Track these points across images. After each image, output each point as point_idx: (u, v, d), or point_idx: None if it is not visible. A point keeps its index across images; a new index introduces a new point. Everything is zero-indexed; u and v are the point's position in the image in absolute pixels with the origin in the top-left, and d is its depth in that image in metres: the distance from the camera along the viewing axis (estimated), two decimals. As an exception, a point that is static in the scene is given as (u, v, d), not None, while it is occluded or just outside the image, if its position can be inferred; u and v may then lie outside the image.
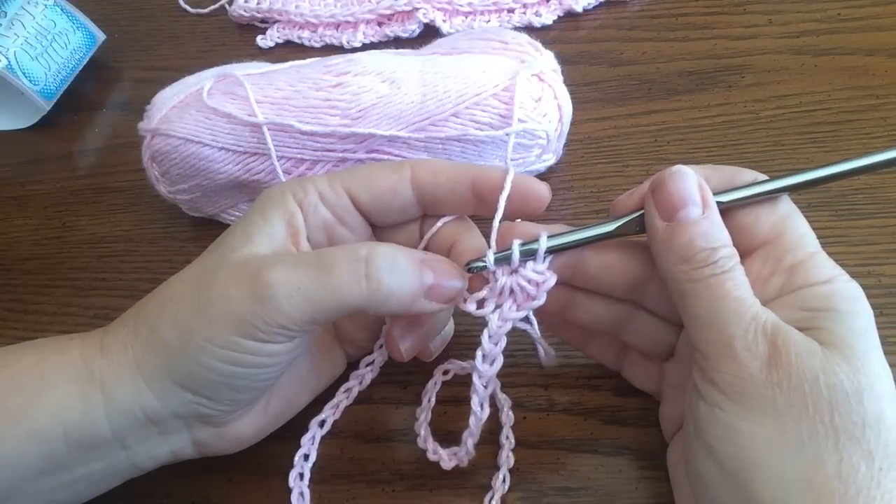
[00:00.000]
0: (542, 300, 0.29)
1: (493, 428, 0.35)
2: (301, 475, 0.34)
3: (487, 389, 0.30)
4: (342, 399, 0.36)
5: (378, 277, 0.27)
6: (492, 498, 0.32)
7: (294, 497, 0.34)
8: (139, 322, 0.29)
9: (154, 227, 0.46)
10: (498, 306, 0.29)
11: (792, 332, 0.25)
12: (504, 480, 0.33)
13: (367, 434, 0.36)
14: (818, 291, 0.26)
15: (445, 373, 0.36)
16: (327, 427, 0.36)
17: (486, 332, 0.29)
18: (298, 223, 0.30)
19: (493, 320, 0.29)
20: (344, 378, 0.36)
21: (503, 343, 0.30)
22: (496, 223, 0.30)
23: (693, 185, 0.27)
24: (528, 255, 0.29)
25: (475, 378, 0.30)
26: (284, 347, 0.28)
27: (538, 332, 0.34)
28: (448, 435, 0.35)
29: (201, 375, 0.28)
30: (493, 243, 0.30)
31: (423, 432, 0.34)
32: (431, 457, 0.33)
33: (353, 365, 0.37)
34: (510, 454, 0.34)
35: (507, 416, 0.34)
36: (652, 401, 0.34)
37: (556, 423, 0.35)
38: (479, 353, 0.30)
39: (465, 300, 0.30)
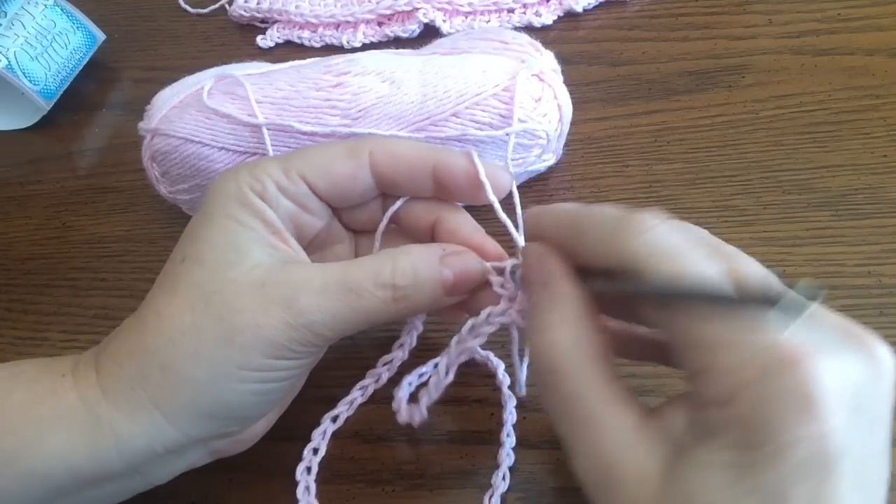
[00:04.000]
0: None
1: (493, 427, 0.35)
2: (308, 469, 0.34)
3: (460, 359, 0.30)
4: (357, 396, 0.36)
5: (404, 297, 0.28)
6: (492, 496, 0.32)
7: (300, 490, 0.34)
8: (143, 361, 0.27)
9: (154, 227, 0.46)
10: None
11: (623, 474, 0.22)
12: (504, 478, 0.33)
13: (367, 434, 0.36)
14: (711, 413, 0.21)
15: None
16: (340, 423, 0.36)
17: (488, 308, 0.29)
18: (273, 220, 0.29)
19: (503, 301, 0.29)
20: (360, 375, 0.36)
21: (494, 328, 0.29)
22: (489, 190, 0.29)
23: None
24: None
25: (453, 346, 0.30)
26: (315, 356, 0.30)
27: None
28: (447, 435, 0.35)
29: (235, 401, 0.28)
30: (519, 227, 0.29)
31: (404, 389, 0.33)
32: (393, 405, 0.32)
33: (369, 363, 0.36)
34: (511, 452, 0.34)
35: (510, 414, 0.34)
36: (652, 401, 0.34)
37: (557, 423, 0.35)
38: (469, 323, 0.29)
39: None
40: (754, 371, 0.20)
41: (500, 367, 0.36)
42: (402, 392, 0.33)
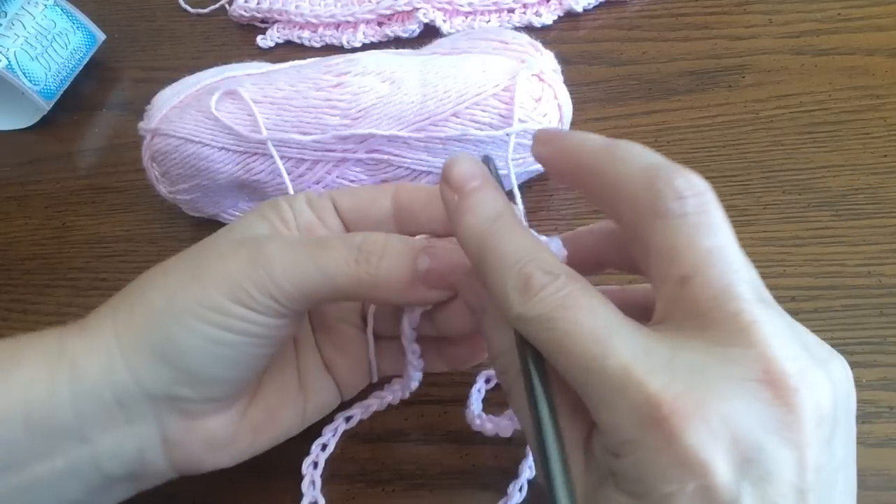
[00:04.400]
0: None
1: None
2: (315, 464, 0.34)
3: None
4: (373, 403, 0.35)
5: (367, 261, 0.27)
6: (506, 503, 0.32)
7: (305, 484, 0.34)
8: (124, 294, 0.29)
9: (154, 227, 0.46)
10: None
11: (632, 353, 0.20)
12: (521, 490, 0.32)
13: (367, 434, 0.36)
14: (602, 462, 0.22)
15: (487, 381, 0.36)
16: (353, 423, 0.35)
17: None
18: (290, 220, 0.31)
19: None
20: (378, 386, 0.35)
21: None
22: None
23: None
24: None
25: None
26: (273, 322, 0.28)
27: None
28: (448, 435, 0.35)
29: (185, 342, 0.27)
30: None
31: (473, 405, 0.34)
32: (476, 424, 0.33)
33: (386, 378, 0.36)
34: (534, 465, 0.33)
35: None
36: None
37: (557, 423, 0.35)
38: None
39: None
40: (630, 430, 0.20)
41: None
42: (474, 405, 0.33)
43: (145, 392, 0.27)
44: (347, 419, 0.35)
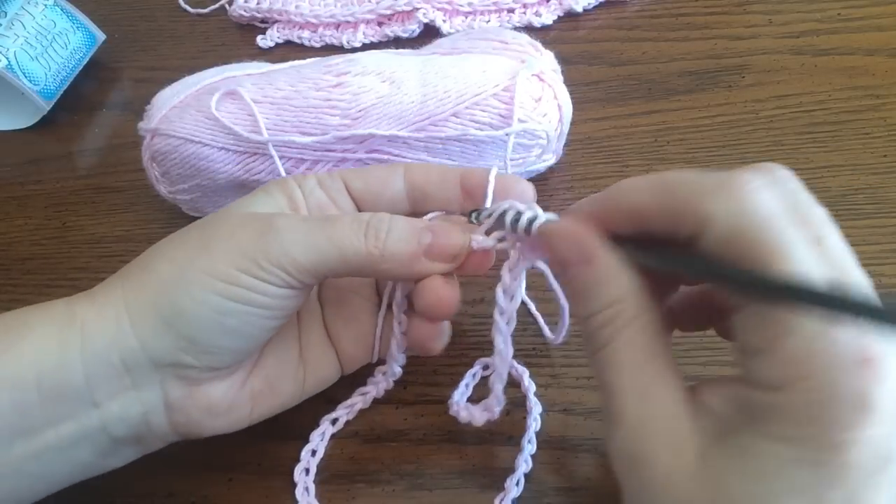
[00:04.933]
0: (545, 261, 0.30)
1: (492, 428, 0.35)
2: (307, 470, 0.34)
3: (510, 325, 0.30)
4: (357, 401, 0.36)
5: (376, 235, 0.29)
6: (503, 499, 0.32)
7: (299, 491, 0.34)
8: (133, 264, 0.30)
9: (154, 227, 0.46)
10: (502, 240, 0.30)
11: (662, 449, 0.22)
12: (518, 484, 0.32)
13: (367, 434, 0.36)
14: (759, 397, 0.20)
15: (485, 367, 0.36)
16: (339, 426, 0.36)
17: (506, 265, 0.30)
18: (298, 198, 0.32)
19: (513, 256, 0.29)
20: (361, 381, 0.36)
21: (523, 279, 0.30)
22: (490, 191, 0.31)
23: (561, 244, 0.25)
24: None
25: (497, 315, 0.30)
26: (281, 292, 0.28)
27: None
28: (448, 435, 0.35)
29: (193, 311, 0.27)
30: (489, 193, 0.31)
31: (457, 398, 0.34)
32: (462, 416, 0.33)
33: (369, 369, 0.36)
34: (529, 459, 0.33)
35: (535, 420, 0.34)
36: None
37: (556, 422, 0.35)
38: (499, 289, 0.29)
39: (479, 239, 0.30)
40: (819, 364, 0.19)
41: (524, 374, 0.36)
42: (457, 398, 0.34)
43: (151, 358, 0.28)
44: (333, 422, 0.35)
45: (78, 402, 0.28)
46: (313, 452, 0.35)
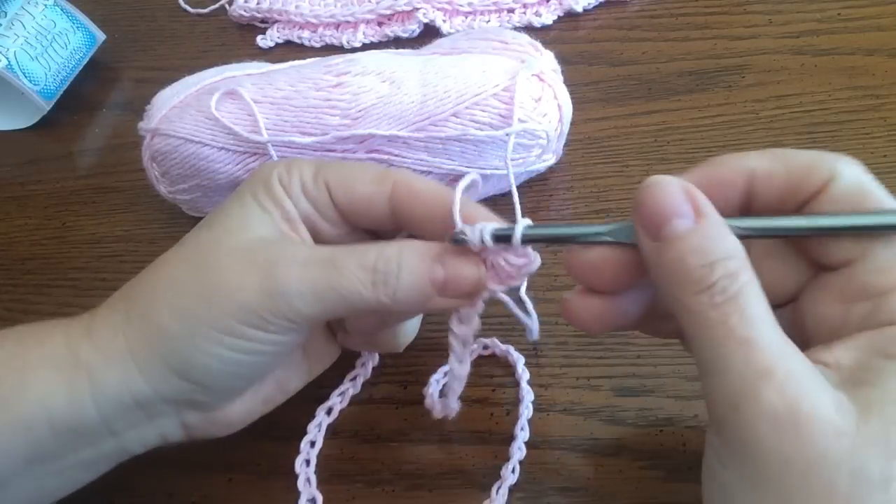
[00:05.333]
0: (520, 281, 0.29)
1: (492, 427, 0.35)
2: (307, 461, 0.34)
3: (466, 348, 0.30)
4: (348, 387, 0.36)
5: (385, 282, 0.27)
6: (500, 487, 0.32)
7: (301, 482, 0.34)
8: (130, 305, 0.29)
9: (154, 227, 0.46)
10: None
11: (821, 402, 0.21)
12: (514, 471, 0.33)
13: (367, 434, 0.36)
14: None
15: (486, 347, 0.37)
16: (334, 416, 0.36)
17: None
18: (291, 209, 0.30)
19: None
20: (350, 366, 0.37)
21: (480, 306, 0.29)
22: (457, 216, 0.28)
23: (675, 194, 0.23)
24: (503, 240, 0.27)
25: (452, 340, 0.30)
26: (289, 337, 0.28)
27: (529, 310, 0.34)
28: (447, 435, 0.35)
29: (201, 363, 0.27)
30: (457, 217, 0.28)
31: (433, 381, 0.35)
32: (427, 402, 0.33)
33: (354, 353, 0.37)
34: (522, 446, 0.33)
35: (527, 408, 0.34)
36: (652, 401, 0.34)
37: (556, 423, 0.35)
38: (454, 317, 0.29)
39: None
40: None
41: (519, 361, 0.36)
42: (432, 389, 0.34)
43: (163, 397, 0.28)
44: (329, 411, 0.36)
45: (94, 435, 0.28)
46: (312, 443, 0.35)
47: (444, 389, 0.33)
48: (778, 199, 0.25)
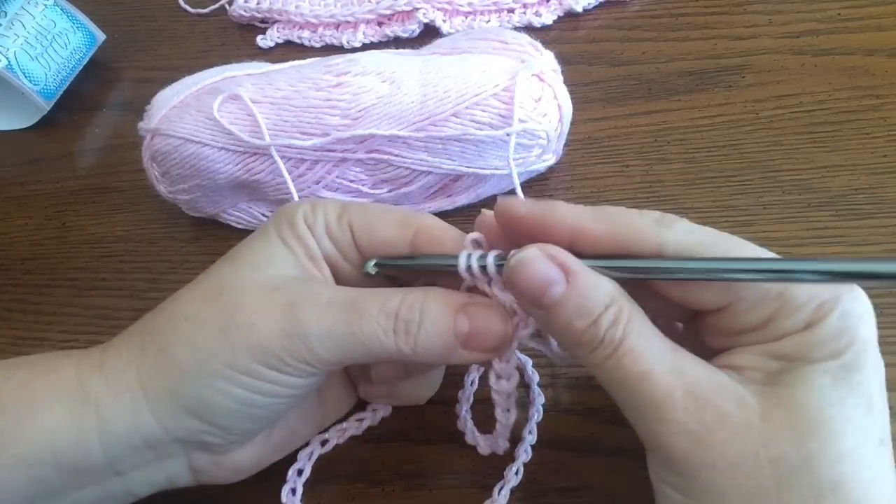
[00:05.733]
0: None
1: (493, 428, 0.35)
2: (293, 490, 0.33)
3: (510, 399, 0.30)
4: (351, 427, 0.35)
5: (406, 330, 0.26)
6: (502, 487, 0.32)
7: None
8: (146, 339, 0.28)
9: (154, 227, 0.46)
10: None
11: (723, 404, 0.23)
12: (517, 473, 0.33)
13: (367, 434, 0.36)
14: (791, 342, 0.24)
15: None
16: (328, 448, 0.35)
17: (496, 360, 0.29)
18: (314, 248, 0.29)
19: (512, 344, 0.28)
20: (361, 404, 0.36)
21: (514, 361, 0.29)
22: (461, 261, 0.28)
23: (540, 265, 0.24)
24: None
25: (494, 396, 0.29)
26: (306, 381, 0.28)
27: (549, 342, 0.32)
28: (447, 435, 0.35)
29: (216, 402, 0.27)
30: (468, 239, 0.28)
31: (462, 413, 0.34)
32: (469, 439, 0.33)
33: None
34: (529, 449, 0.33)
35: (536, 411, 0.34)
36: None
37: (556, 423, 0.35)
38: (491, 375, 0.29)
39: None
40: (827, 300, 0.23)
41: (528, 363, 0.36)
42: (464, 419, 0.34)
43: (173, 437, 0.28)
44: (323, 443, 0.35)
45: (99, 475, 0.28)
46: (300, 472, 0.34)
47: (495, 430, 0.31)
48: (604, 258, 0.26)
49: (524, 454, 0.33)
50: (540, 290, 0.24)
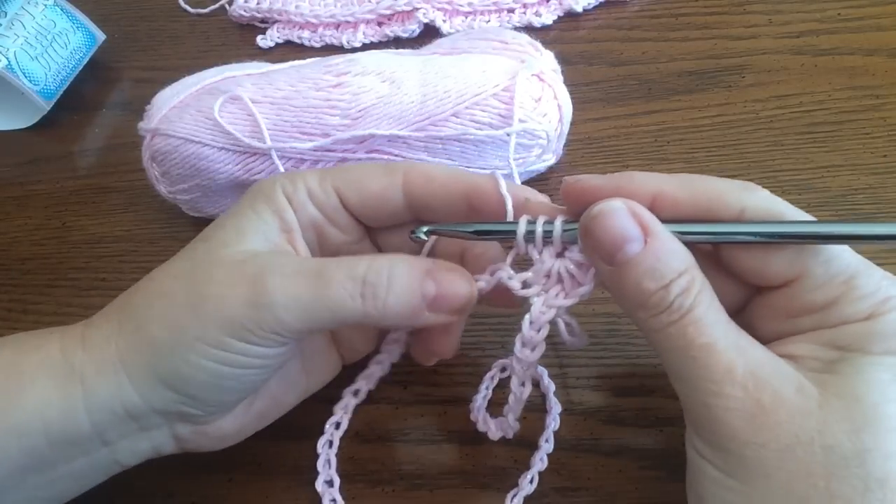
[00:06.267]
0: (590, 287, 0.27)
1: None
2: (330, 442, 0.34)
3: (528, 371, 0.30)
4: (375, 370, 0.36)
5: (374, 294, 0.27)
6: (515, 496, 0.32)
7: (320, 463, 0.34)
8: (124, 316, 0.29)
9: (154, 227, 0.46)
10: (544, 291, 0.28)
11: (782, 388, 0.23)
12: (532, 482, 0.33)
13: (367, 434, 0.36)
14: (851, 330, 0.24)
15: (503, 370, 0.36)
16: (362, 396, 0.36)
17: (527, 318, 0.28)
18: (291, 220, 0.30)
19: (537, 305, 0.28)
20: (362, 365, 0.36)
21: (545, 330, 0.28)
22: (509, 207, 0.29)
23: (623, 219, 0.24)
24: (570, 239, 0.27)
25: (515, 363, 0.29)
26: (276, 351, 0.28)
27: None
28: (448, 435, 0.35)
29: (189, 374, 0.27)
30: (510, 211, 0.29)
31: (479, 401, 0.34)
32: (480, 427, 0.33)
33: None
34: (545, 457, 0.33)
35: (554, 419, 0.34)
36: (652, 401, 0.34)
37: (556, 423, 0.35)
38: (518, 340, 0.29)
39: (509, 277, 0.28)
40: (894, 295, 0.23)
41: (544, 373, 0.35)
42: (478, 404, 0.33)
43: (153, 408, 0.28)
44: (355, 393, 0.35)
45: (88, 444, 0.28)
46: (337, 425, 0.35)
47: (503, 410, 0.31)
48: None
49: (539, 462, 0.33)
50: (616, 246, 0.24)
